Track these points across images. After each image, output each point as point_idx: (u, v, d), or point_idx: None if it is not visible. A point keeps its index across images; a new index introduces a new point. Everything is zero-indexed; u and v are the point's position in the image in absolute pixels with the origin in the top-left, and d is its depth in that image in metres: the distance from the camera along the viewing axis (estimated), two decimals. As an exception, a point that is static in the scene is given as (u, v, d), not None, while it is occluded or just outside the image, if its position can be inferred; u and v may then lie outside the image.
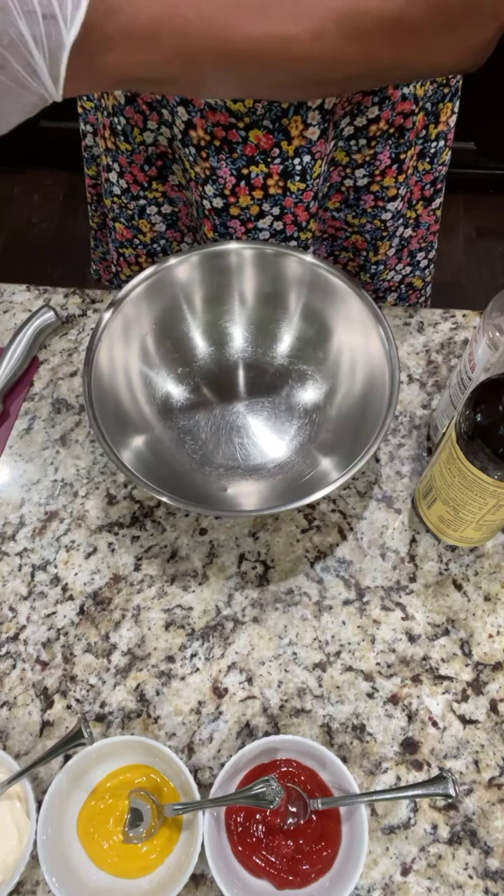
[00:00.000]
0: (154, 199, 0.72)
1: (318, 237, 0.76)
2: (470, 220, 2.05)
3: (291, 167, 0.62)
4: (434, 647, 0.57)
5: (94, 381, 0.59)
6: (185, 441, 0.66)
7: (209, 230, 0.69)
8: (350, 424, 0.63)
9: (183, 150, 0.64)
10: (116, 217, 0.75)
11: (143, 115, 0.63)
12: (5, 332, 0.75)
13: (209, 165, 0.63)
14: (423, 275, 0.85)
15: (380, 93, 0.60)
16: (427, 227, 0.79)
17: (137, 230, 0.75)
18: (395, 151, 0.66)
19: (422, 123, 0.67)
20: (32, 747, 0.54)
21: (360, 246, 0.75)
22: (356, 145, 0.65)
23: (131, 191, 0.71)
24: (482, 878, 0.49)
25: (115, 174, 0.70)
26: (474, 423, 0.48)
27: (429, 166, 0.72)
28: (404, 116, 0.63)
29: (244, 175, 0.63)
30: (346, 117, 0.62)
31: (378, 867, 0.50)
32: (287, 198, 0.65)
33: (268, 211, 0.66)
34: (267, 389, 0.69)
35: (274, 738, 0.50)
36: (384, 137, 0.64)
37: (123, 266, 0.81)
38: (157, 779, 0.51)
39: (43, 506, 0.65)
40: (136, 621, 0.59)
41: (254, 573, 0.61)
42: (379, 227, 0.73)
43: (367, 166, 0.67)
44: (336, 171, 0.68)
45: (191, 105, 0.59)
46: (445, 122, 0.69)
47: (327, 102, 0.58)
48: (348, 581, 0.60)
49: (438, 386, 0.71)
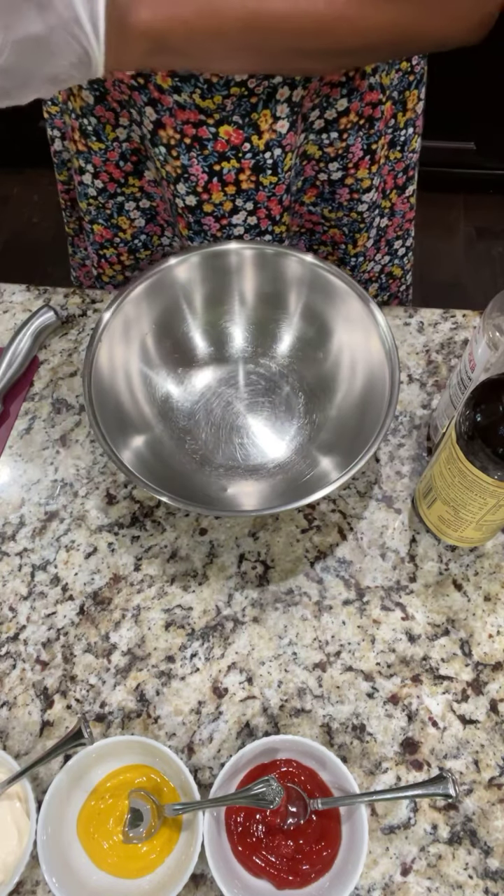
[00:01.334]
0: (132, 195, 0.72)
1: (297, 232, 0.76)
2: (470, 220, 2.05)
3: (263, 161, 0.62)
4: (434, 647, 0.57)
5: (94, 381, 0.59)
6: (185, 441, 0.66)
7: (183, 228, 0.69)
8: (350, 424, 0.63)
9: (153, 149, 0.63)
10: (94, 219, 0.75)
11: (115, 112, 0.63)
12: (5, 332, 0.75)
13: (180, 164, 0.63)
14: (401, 263, 0.85)
15: (347, 83, 0.60)
16: (402, 214, 0.79)
17: (117, 228, 0.75)
18: (367, 142, 0.66)
19: (390, 112, 0.67)
20: (32, 747, 0.54)
21: (339, 239, 0.76)
22: (328, 138, 0.65)
23: (108, 189, 0.71)
24: (482, 878, 0.49)
25: (89, 176, 0.70)
26: (474, 423, 0.48)
27: (399, 154, 0.72)
28: (373, 106, 0.63)
29: (216, 171, 0.63)
30: (315, 110, 0.62)
31: (378, 867, 0.50)
32: (260, 192, 0.65)
33: (241, 206, 0.66)
34: (267, 389, 0.69)
35: (274, 738, 0.50)
36: (355, 129, 0.64)
37: (105, 267, 0.81)
38: (157, 779, 0.51)
39: (43, 506, 0.65)
40: (136, 621, 0.59)
41: (254, 573, 0.61)
42: (356, 219, 0.73)
43: (340, 159, 0.67)
44: (309, 165, 0.68)
45: (159, 104, 0.59)
46: (413, 109, 0.69)
47: (295, 95, 0.59)
48: (348, 581, 0.60)
49: (438, 386, 0.71)
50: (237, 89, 0.56)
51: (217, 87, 0.56)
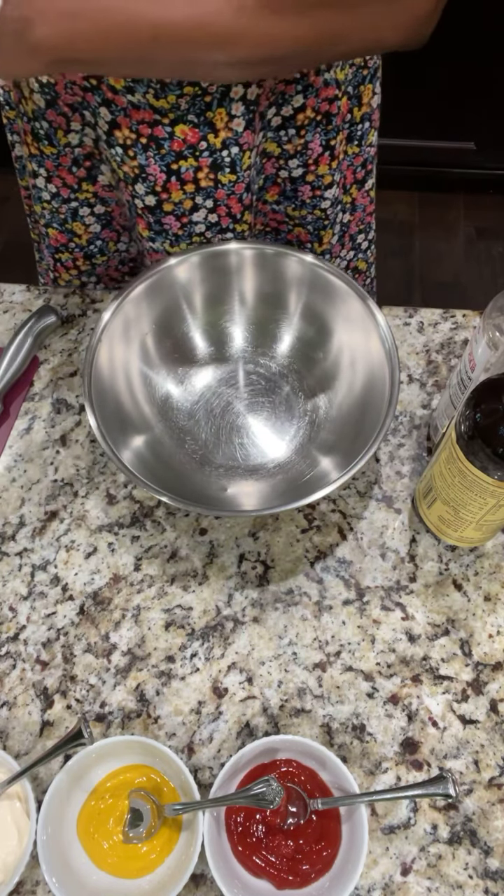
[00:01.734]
0: (86, 200, 0.72)
1: (262, 231, 0.76)
2: (470, 220, 2.05)
3: (220, 159, 0.62)
4: (434, 647, 0.57)
5: (94, 381, 0.59)
6: (185, 441, 0.66)
7: (144, 229, 0.69)
8: (350, 424, 0.63)
9: (109, 150, 0.63)
10: (49, 223, 0.74)
11: (66, 116, 0.63)
12: (5, 332, 0.75)
13: (137, 164, 0.62)
14: (365, 257, 0.86)
15: (302, 80, 0.60)
16: (363, 208, 0.79)
17: (72, 233, 0.75)
18: (325, 138, 0.66)
19: (346, 107, 0.67)
20: (32, 747, 0.54)
21: (304, 238, 0.76)
22: (286, 135, 0.65)
23: (61, 194, 0.71)
24: (482, 878, 0.49)
25: (42, 179, 0.70)
26: (474, 423, 0.48)
27: (357, 149, 0.72)
28: (329, 102, 0.63)
29: (174, 170, 0.63)
30: (271, 107, 0.62)
31: (378, 867, 0.50)
32: (219, 190, 0.65)
33: (201, 204, 0.66)
34: (267, 389, 0.69)
35: (274, 738, 0.50)
36: (313, 125, 0.64)
37: (61, 271, 0.80)
38: (157, 779, 0.51)
39: (43, 506, 0.65)
40: (136, 621, 0.59)
41: (254, 573, 0.61)
42: (320, 216, 0.73)
43: (299, 156, 0.67)
44: (269, 162, 0.68)
45: (113, 105, 0.58)
46: (368, 103, 0.69)
47: (250, 93, 0.58)
48: (348, 581, 0.60)
49: (438, 386, 0.71)
50: (190, 88, 0.56)
51: (170, 87, 0.56)
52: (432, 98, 1.75)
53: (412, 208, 2.07)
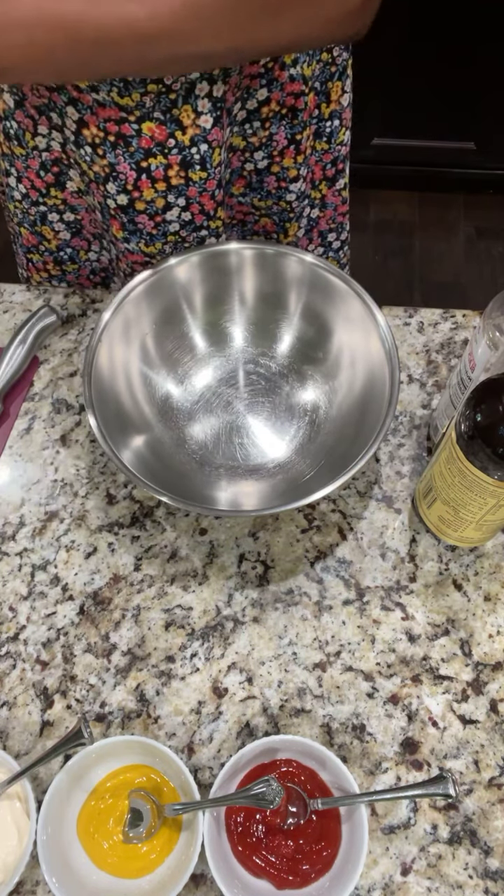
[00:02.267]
0: (55, 206, 0.72)
1: (228, 223, 0.76)
2: (470, 220, 2.05)
3: (190, 156, 0.62)
4: (434, 647, 0.57)
5: (94, 381, 0.59)
6: (185, 441, 0.66)
7: (118, 230, 0.69)
8: (350, 424, 0.63)
9: (78, 151, 0.63)
10: (20, 222, 0.74)
11: (33, 119, 0.63)
12: (5, 332, 0.75)
13: (107, 162, 0.62)
14: (337, 256, 0.86)
15: (267, 75, 0.60)
16: (334, 207, 0.79)
17: (41, 237, 0.75)
18: (291, 132, 0.66)
19: (314, 103, 0.67)
20: (32, 747, 0.54)
21: (270, 228, 0.76)
22: (251, 128, 0.65)
23: (31, 196, 0.71)
24: (482, 878, 0.49)
25: (13, 179, 0.70)
26: (474, 423, 0.48)
27: (326, 146, 0.72)
28: (295, 97, 0.63)
29: (144, 168, 0.62)
30: (237, 103, 0.62)
31: (378, 867, 0.50)
32: (191, 187, 0.65)
33: (174, 202, 0.66)
34: (267, 389, 0.69)
35: (274, 738, 0.50)
36: (277, 118, 0.64)
37: (33, 272, 0.80)
38: (157, 779, 0.51)
39: (43, 506, 0.65)
40: (136, 621, 0.59)
41: (254, 573, 0.61)
42: (285, 208, 0.73)
43: (264, 148, 0.67)
44: (235, 156, 0.68)
45: (80, 104, 0.58)
46: (337, 101, 0.69)
47: (216, 90, 0.58)
48: (348, 581, 0.60)
49: (438, 386, 0.71)
50: (154, 86, 0.56)
51: (134, 85, 0.56)
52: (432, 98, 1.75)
53: (412, 208, 2.07)
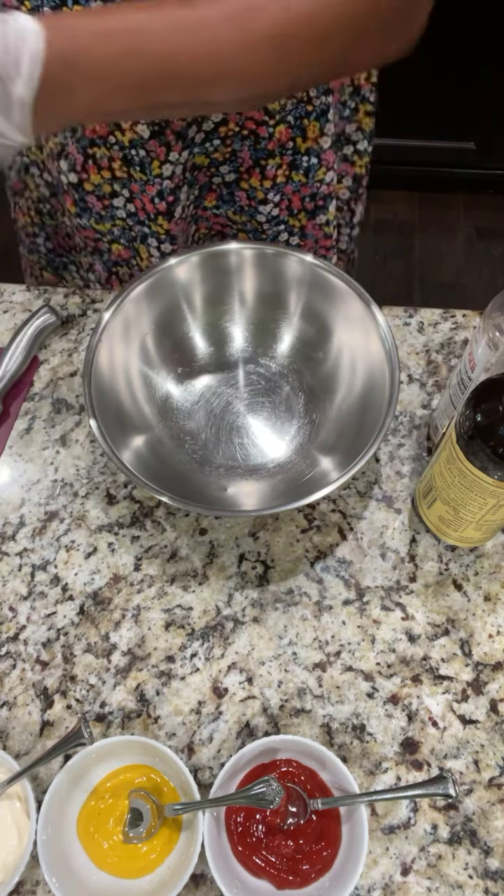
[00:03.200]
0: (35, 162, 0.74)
1: (206, 235, 0.76)
2: (470, 220, 2.05)
3: (130, 156, 0.63)
4: (434, 647, 0.57)
5: (94, 381, 0.59)
6: (185, 441, 0.66)
7: (71, 205, 0.71)
8: (350, 424, 0.63)
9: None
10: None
11: None
12: (5, 332, 0.75)
13: (59, 141, 0.64)
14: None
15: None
16: (315, 240, 0.77)
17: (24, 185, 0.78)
18: (255, 155, 0.66)
19: (287, 135, 0.66)
20: (32, 747, 0.54)
21: None
22: (212, 146, 0.66)
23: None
24: (482, 878, 0.49)
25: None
26: (474, 423, 0.48)
27: (304, 179, 0.70)
28: (256, 123, 0.63)
29: (90, 154, 0.64)
30: (191, 126, 0.62)
31: (378, 867, 0.50)
32: (133, 183, 0.66)
33: (119, 192, 0.67)
34: (267, 389, 0.69)
35: (274, 738, 0.50)
36: (239, 138, 0.65)
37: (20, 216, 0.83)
38: (157, 779, 0.51)
39: (43, 506, 0.65)
40: (136, 621, 0.59)
41: (254, 573, 0.61)
42: (258, 228, 0.73)
43: (229, 163, 0.67)
44: (201, 172, 0.68)
45: None
46: (315, 140, 0.67)
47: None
48: (348, 581, 0.60)
49: (438, 386, 0.71)
50: None
51: None
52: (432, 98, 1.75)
53: (412, 208, 2.08)
